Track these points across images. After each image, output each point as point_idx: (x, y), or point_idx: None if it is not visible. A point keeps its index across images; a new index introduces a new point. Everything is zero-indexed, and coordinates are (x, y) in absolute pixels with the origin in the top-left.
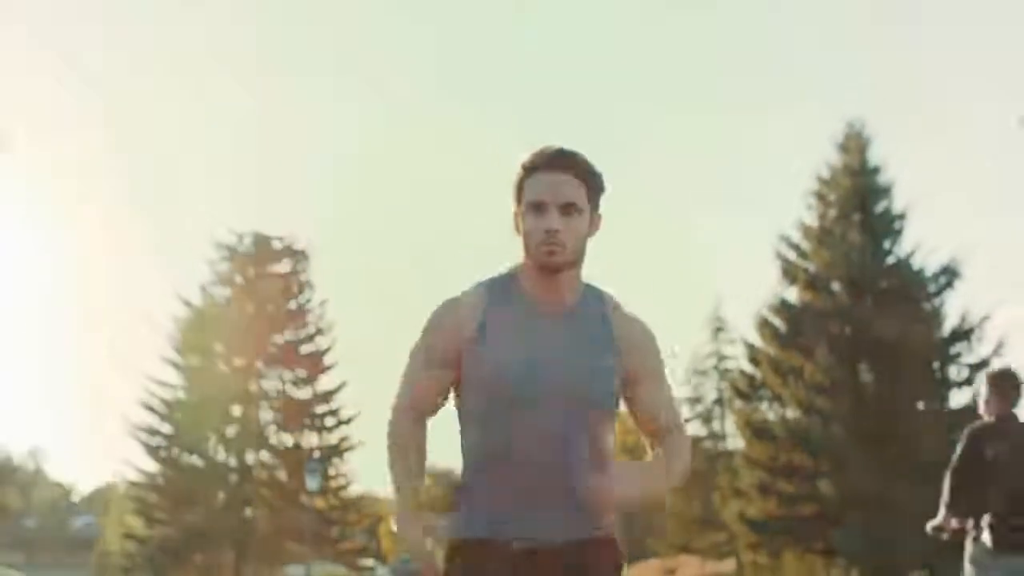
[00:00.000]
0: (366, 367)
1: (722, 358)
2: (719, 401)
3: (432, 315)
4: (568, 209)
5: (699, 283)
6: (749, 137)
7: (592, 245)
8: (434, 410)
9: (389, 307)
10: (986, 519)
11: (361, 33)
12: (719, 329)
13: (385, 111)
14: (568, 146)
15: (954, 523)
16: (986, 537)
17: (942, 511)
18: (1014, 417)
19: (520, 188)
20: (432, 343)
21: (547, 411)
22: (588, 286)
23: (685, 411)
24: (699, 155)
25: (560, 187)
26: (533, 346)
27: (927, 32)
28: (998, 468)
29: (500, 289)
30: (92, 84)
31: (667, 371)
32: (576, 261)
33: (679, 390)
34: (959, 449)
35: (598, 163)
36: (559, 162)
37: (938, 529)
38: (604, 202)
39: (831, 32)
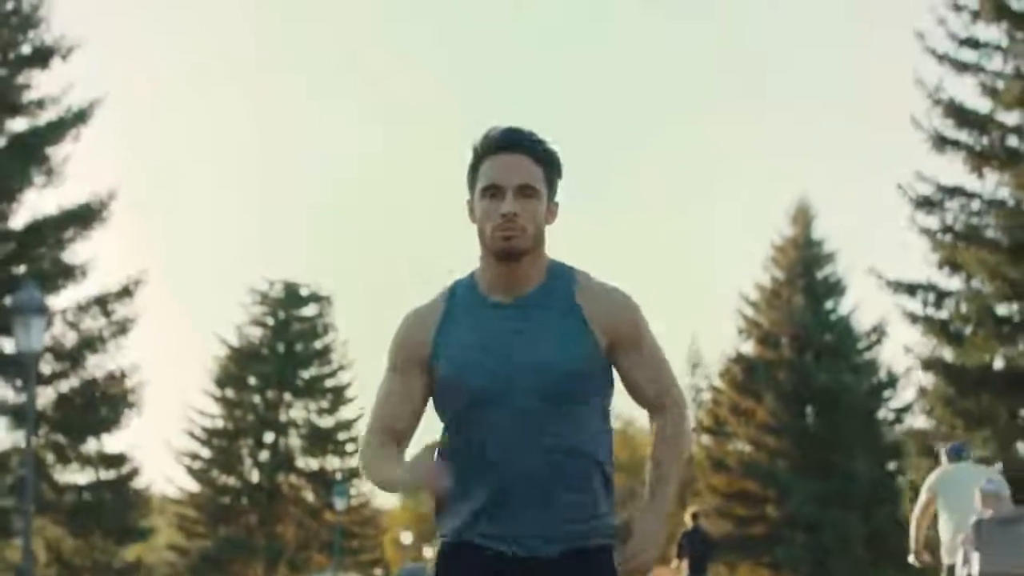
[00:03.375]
0: None
1: (699, 391)
2: (695, 431)
3: (395, 332)
4: (525, 191)
5: (682, 316)
6: (742, 156)
7: (580, 262)
8: (406, 429)
9: None
10: (685, 563)
11: (377, 51)
12: (696, 365)
13: (395, 133)
14: (521, 125)
15: (681, 564)
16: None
17: (675, 560)
18: (697, 527)
19: (473, 173)
20: (396, 357)
21: (513, 408)
22: (553, 265)
23: None
24: (695, 169)
25: (515, 169)
26: (490, 342)
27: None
28: (691, 548)
29: (460, 290)
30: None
31: (652, 338)
32: (536, 247)
33: None
34: (680, 538)
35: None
36: (512, 142)
37: (677, 568)
38: (576, 202)
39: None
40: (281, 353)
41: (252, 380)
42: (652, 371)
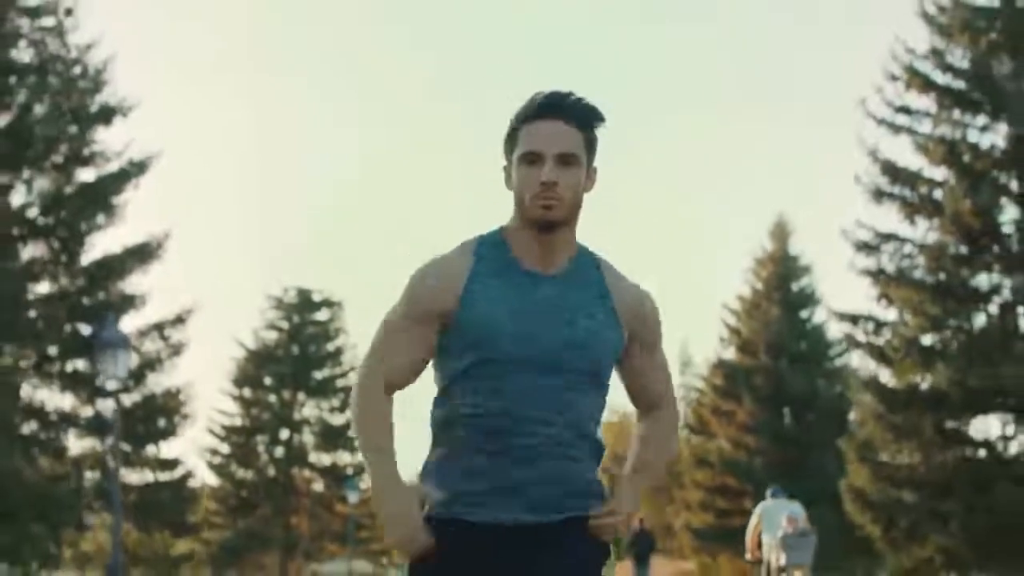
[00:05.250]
0: None
1: (689, 389)
2: (682, 428)
3: (415, 275)
4: (565, 159)
5: (676, 317)
6: (742, 165)
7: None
8: (406, 379)
9: None
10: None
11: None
12: (686, 364)
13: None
14: (564, 88)
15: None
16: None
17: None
18: (642, 528)
19: (512, 138)
20: (415, 302)
21: (541, 374)
22: (581, 247)
23: None
24: (698, 173)
25: (556, 136)
26: (523, 308)
27: None
28: (636, 545)
29: (489, 247)
30: None
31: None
32: (572, 217)
33: None
34: (631, 538)
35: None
36: (555, 109)
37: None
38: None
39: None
40: (295, 355)
41: (268, 380)
42: (660, 374)
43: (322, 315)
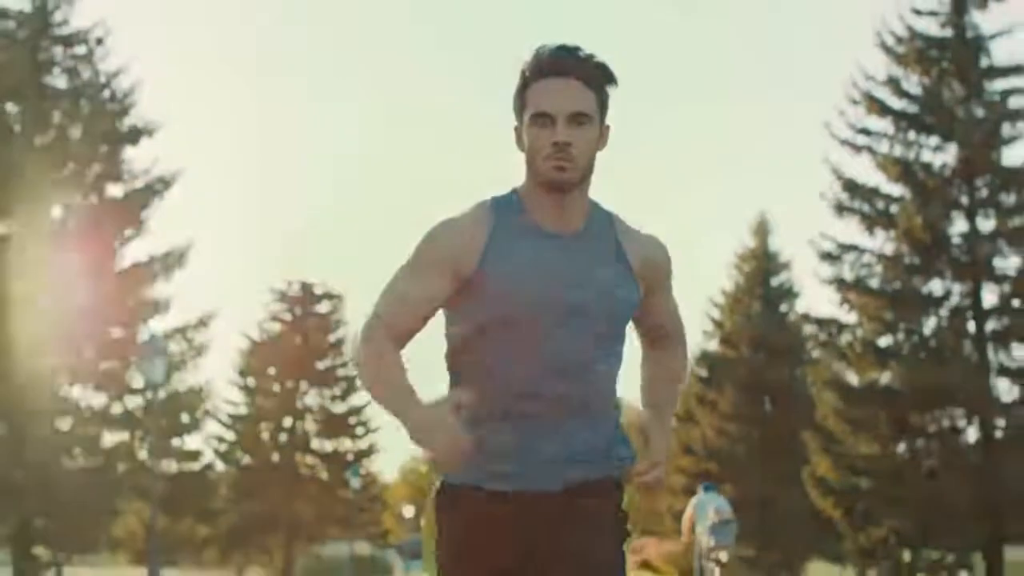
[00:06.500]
0: None
1: None
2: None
3: (430, 231)
4: (577, 119)
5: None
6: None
7: None
8: (412, 334)
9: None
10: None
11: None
12: None
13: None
14: (572, 43)
15: None
16: None
17: None
18: None
19: (522, 98)
20: (430, 259)
21: (559, 334)
22: (594, 204)
23: None
24: (700, 163)
25: (567, 95)
26: (547, 267)
27: None
28: None
29: (505, 208)
30: None
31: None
32: (586, 177)
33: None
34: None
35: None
36: (565, 66)
37: None
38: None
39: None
40: (298, 345)
41: (272, 370)
42: (673, 316)
43: (323, 307)
